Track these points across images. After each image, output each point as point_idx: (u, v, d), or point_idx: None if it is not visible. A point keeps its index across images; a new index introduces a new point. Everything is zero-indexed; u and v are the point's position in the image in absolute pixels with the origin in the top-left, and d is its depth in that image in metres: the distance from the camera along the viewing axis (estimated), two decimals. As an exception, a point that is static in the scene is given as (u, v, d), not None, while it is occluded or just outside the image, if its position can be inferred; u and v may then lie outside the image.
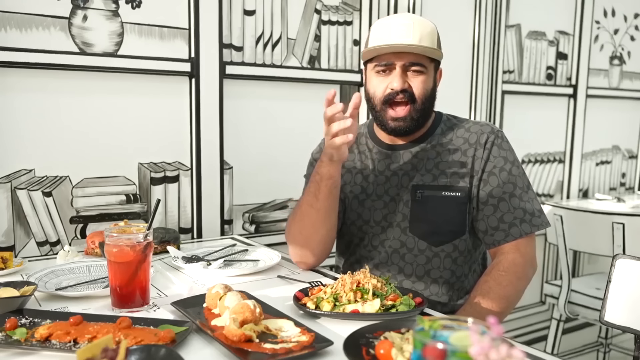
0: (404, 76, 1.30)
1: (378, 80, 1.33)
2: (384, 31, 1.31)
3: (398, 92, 1.30)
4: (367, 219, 1.40)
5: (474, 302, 1.25)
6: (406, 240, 1.35)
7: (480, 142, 1.34)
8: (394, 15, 1.39)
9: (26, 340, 0.90)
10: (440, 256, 1.34)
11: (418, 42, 1.28)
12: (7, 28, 1.52)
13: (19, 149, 1.57)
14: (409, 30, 1.28)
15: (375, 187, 1.40)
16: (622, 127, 3.21)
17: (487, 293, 1.25)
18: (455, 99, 2.45)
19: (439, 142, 1.38)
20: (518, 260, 1.29)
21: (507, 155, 1.34)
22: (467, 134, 1.38)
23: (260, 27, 1.93)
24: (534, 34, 2.69)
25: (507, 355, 0.53)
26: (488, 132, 1.35)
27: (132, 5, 1.69)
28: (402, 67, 1.30)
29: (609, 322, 1.34)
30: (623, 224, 2.23)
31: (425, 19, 1.35)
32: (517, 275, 1.28)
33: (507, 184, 1.31)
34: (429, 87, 1.34)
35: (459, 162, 1.34)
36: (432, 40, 1.31)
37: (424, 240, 1.34)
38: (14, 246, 1.60)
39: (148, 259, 1.09)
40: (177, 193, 1.83)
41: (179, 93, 1.80)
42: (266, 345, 0.88)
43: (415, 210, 1.34)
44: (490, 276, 1.28)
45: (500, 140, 1.35)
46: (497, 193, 1.30)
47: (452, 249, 1.34)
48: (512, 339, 0.77)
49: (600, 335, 2.89)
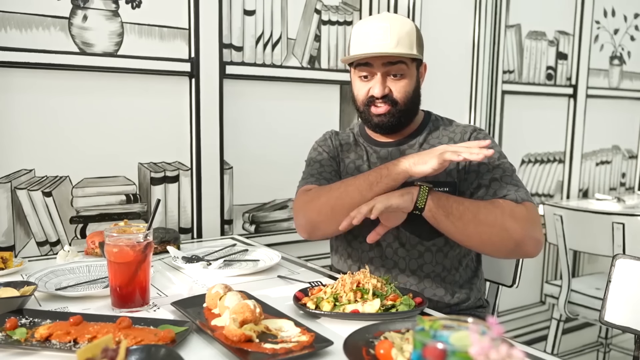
0: (384, 82, 1.33)
1: (361, 85, 1.37)
2: (362, 36, 1.34)
3: (378, 98, 1.34)
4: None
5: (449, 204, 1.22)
6: (398, 234, 1.37)
7: (464, 139, 1.38)
8: (372, 18, 1.39)
9: (26, 340, 0.90)
10: (432, 250, 1.37)
11: (395, 45, 1.29)
12: (7, 28, 1.52)
13: (19, 149, 1.58)
14: (386, 34, 1.30)
15: None
16: (622, 127, 3.21)
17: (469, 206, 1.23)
18: (455, 99, 2.46)
19: (425, 140, 1.42)
20: (514, 208, 1.23)
21: (492, 145, 1.30)
22: (452, 134, 1.42)
23: (260, 27, 1.93)
24: (534, 34, 2.69)
25: (507, 355, 0.53)
26: (470, 130, 1.40)
27: (132, 5, 1.69)
28: (382, 73, 1.33)
29: (609, 322, 1.34)
30: (623, 224, 2.23)
31: (404, 19, 1.36)
32: (505, 212, 1.22)
33: (497, 169, 1.32)
34: (411, 88, 1.36)
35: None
36: (411, 41, 1.32)
37: (416, 235, 1.36)
38: (14, 246, 1.60)
39: (148, 259, 1.09)
40: (177, 193, 1.83)
41: (179, 93, 1.80)
42: (266, 345, 0.88)
43: None
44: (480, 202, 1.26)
45: (483, 134, 1.40)
46: (487, 176, 1.31)
47: (444, 242, 1.36)
48: (512, 339, 0.77)
49: (600, 335, 2.89)
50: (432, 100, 1.67)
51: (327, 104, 2.11)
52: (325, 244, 1.78)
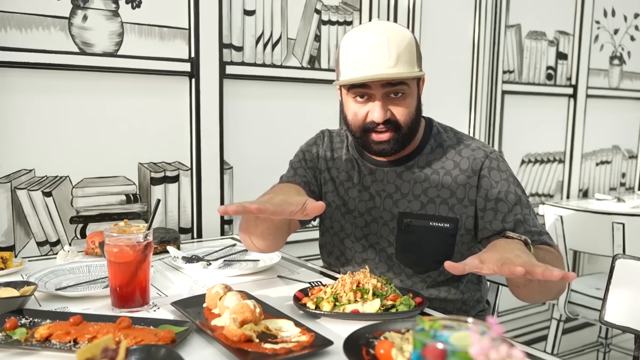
0: (384, 105, 1.19)
1: (356, 107, 1.22)
2: (355, 51, 1.17)
3: (379, 123, 1.20)
4: (348, 233, 1.37)
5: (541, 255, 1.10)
6: (393, 265, 1.33)
7: (474, 169, 1.25)
8: (365, 29, 1.19)
9: (26, 340, 0.90)
10: (427, 281, 1.33)
11: (395, 64, 1.14)
12: (7, 28, 1.52)
13: (19, 149, 1.57)
14: (384, 49, 1.14)
15: (357, 204, 1.34)
16: (622, 127, 3.21)
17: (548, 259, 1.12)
18: (456, 99, 2.46)
19: (427, 163, 1.29)
20: (562, 260, 1.20)
21: (508, 177, 1.26)
22: (458, 157, 1.28)
23: (260, 27, 1.93)
24: (534, 34, 2.69)
25: (507, 355, 0.53)
26: (481, 158, 1.26)
27: (132, 5, 1.69)
28: (382, 94, 1.18)
29: (609, 322, 1.34)
30: (623, 224, 2.23)
31: (400, 28, 1.20)
32: (561, 265, 1.16)
33: (516, 206, 1.22)
34: (413, 108, 1.23)
35: (448, 189, 1.26)
36: (411, 57, 1.17)
37: (410, 269, 1.32)
38: (14, 246, 1.60)
39: (148, 259, 1.09)
40: (177, 193, 1.83)
41: (179, 93, 1.80)
42: (266, 345, 0.88)
43: (401, 240, 1.30)
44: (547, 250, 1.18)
45: (496, 162, 1.26)
46: (509, 219, 1.21)
47: (438, 274, 1.32)
48: (512, 339, 0.77)
49: (600, 335, 2.89)
50: (432, 101, 1.67)
51: (327, 104, 2.11)
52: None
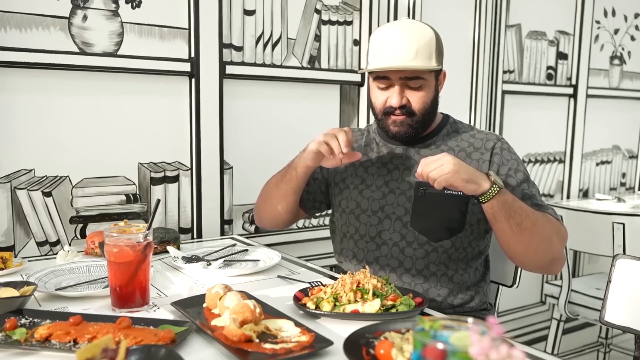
0: (402, 92, 1.32)
1: (379, 93, 1.36)
2: (380, 45, 1.32)
3: (396, 108, 1.33)
4: (364, 208, 1.41)
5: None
6: (406, 234, 1.37)
7: (487, 147, 1.38)
8: (392, 26, 1.36)
9: (26, 340, 0.90)
10: (439, 251, 1.36)
11: (413, 57, 1.28)
12: (7, 28, 1.52)
13: (19, 149, 1.57)
14: (405, 44, 1.28)
15: (375, 179, 1.43)
16: (622, 127, 3.21)
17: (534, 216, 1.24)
18: (456, 98, 2.45)
19: (443, 142, 1.42)
20: (560, 227, 1.31)
21: (517, 158, 1.39)
22: (472, 139, 1.41)
23: (260, 27, 1.93)
24: (534, 33, 2.69)
25: (507, 355, 0.53)
26: (494, 139, 1.40)
27: (132, 5, 1.69)
28: (401, 83, 1.32)
29: (609, 322, 1.34)
30: (623, 224, 2.23)
31: (424, 27, 1.34)
32: (554, 229, 1.28)
33: (523, 183, 1.34)
34: (429, 99, 1.35)
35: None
36: (430, 52, 1.31)
37: (424, 235, 1.36)
38: (14, 246, 1.60)
39: (148, 259, 1.09)
40: (177, 193, 1.83)
41: (179, 93, 1.80)
42: (266, 345, 0.88)
43: (417, 206, 1.36)
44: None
45: (507, 145, 1.40)
46: (517, 193, 1.31)
47: (450, 245, 1.36)
48: (512, 339, 0.77)
49: (600, 335, 2.89)
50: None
51: (327, 104, 2.11)
52: (326, 244, 1.79)
